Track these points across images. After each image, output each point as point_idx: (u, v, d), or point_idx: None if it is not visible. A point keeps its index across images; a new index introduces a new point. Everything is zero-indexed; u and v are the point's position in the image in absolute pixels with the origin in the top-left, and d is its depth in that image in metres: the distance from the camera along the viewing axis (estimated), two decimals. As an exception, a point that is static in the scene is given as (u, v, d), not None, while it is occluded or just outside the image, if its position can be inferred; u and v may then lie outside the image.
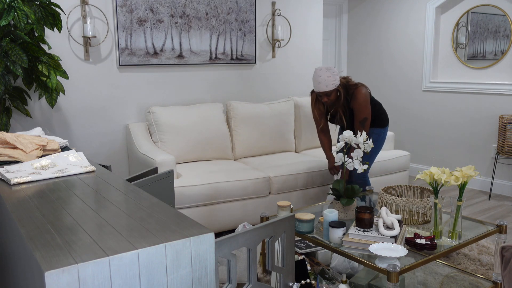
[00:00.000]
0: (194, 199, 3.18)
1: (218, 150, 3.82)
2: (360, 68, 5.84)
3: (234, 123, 3.94)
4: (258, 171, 3.51)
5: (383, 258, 1.98)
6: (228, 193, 3.30)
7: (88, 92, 3.64)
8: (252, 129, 3.97)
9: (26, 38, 2.77)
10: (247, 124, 3.96)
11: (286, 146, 4.17)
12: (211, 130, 3.77)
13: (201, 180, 3.24)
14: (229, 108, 3.98)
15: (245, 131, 3.95)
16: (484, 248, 3.11)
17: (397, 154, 4.16)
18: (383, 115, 3.43)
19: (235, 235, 1.53)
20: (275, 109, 4.12)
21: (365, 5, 5.66)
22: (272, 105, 4.15)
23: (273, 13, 4.40)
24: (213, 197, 3.25)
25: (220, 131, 3.83)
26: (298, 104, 4.26)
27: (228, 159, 3.90)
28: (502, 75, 4.47)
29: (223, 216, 3.32)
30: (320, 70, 3.10)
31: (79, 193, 1.57)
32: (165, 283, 1.14)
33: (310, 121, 4.18)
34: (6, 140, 1.98)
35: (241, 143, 3.95)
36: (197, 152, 3.73)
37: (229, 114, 3.98)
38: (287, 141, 4.17)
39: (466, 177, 2.31)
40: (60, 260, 1.02)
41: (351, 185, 2.58)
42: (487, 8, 4.52)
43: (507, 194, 4.51)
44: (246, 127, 3.96)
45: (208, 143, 3.76)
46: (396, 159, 4.11)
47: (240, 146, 3.95)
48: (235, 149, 3.96)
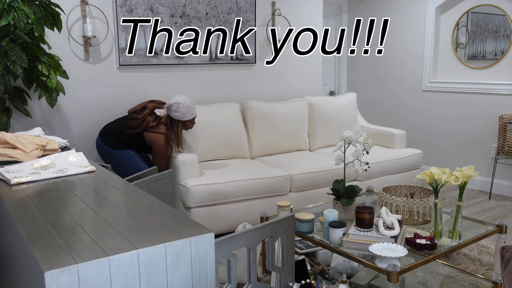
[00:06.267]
0: (218, 196, 3.26)
1: (236, 149, 3.90)
2: (360, 68, 5.84)
3: (251, 122, 4.02)
4: (278, 169, 3.58)
5: (383, 258, 1.98)
6: (250, 190, 3.37)
7: (88, 92, 3.64)
8: (268, 128, 4.05)
9: (26, 38, 2.77)
10: (263, 123, 4.04)
11: (300, 145, 4.25)
12: (229, 129, 3.86)
13: (225, 178, 3.32)
14: (245, 107, 4.05)
15: (261, 130, 4.03)
16: (484, 248, 3.11)
17: (410, 153, 4.22)
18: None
19: (235, 235, 1.53)
20: (289, 108, 4.20)
21: (365, 5, 5.66)
22: (286, 105, 4.23)
23: (273, 13, 4.40)
24: (236, 194, 3.33)
25: (237, 130, 3.91)
26: (312, 104, 4.35)
27: (245, 157, 3.98)
28: (502, 75, 4.47)
29: (246, 212, 3.39)
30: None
31: (79, 193, 1.57)
32: (165, 283, 1.14)
33: (324, 120, 4.32)
34: (6, 140, 1.98)
35: (258, 142, 4.03)
36: (216, 151, 3.81)
37: (245, 113, 4.05)
38: (302, 140, 4.25)
39: (466, 177, 2.31)
40: (60, 260, 1.02)
41: (351, 185, 2.58)
42: (487, 8, 4.52)
43: (507, 194, 4.51)
44: (262, 126, 4.04)
45: (226, 142, 3.84)
46: (409, 157, 4.18)
47: (257, 145, 4.03)
48: (252, 148, 4.03)
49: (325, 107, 4.37)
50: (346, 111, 4.48)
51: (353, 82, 5.95)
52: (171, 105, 3.33)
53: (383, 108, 5.62)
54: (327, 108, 4.38)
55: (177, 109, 3.32)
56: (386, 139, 4.39)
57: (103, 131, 3.37)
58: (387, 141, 4.39)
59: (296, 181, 3.55)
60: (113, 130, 3.33)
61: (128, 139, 3.32)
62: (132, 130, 3.29)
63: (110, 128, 3.36)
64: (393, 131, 4.36)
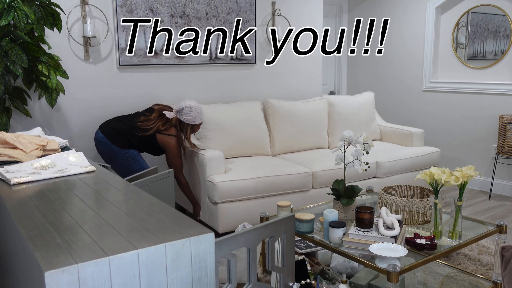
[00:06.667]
0: (243, 192, 3.36)
1: (258, 147, 3.99)
2: (360, 68, 5.84)
3: (273, 121, 4.12)
4: (301, 166, 3.66)
5: (383, 258, 1.98)
6: (274, 186, 3.46)
7: (88, 92, 3.64)
8: (289, 126, 4.15)
9: (26, 38, 2.77)
10: (285, 121, 4.14)
11: (320, 142, 4.35)
12: (252, 127, 3.95)
13: (250, 174, 3.41)
14: (267, 106, 4.15)
15: (282, 128, 4.13)
16: (484, 248, 3.11)
17: (428, 151, 4.29)
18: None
19: (235, 235, 1.53)
20: (309, 107, 4.30)
21: (365, 5, 5.66)
22: (307, 103, 4.33)
23: (273, 13, 4.40)
24: (261, 190, 3.42)
25: (260, 128, 4.00)
26: (331, 102, 4.46)
27: (267, 155, 4.07)
28: (502, 75, 4.47)
29: (269, 208, 3.47)
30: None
31: (79, 193, 1.57)
32: (165, 283, 1.14)
33: (343, 119, 4.44)
34: (6, 140, 1.98)
35: (279, 139, 4.12)
36: (239, 148, 3.90)
37: (266, 112, 4.14)
38: (321, 138, 4.35)
39: (466, 177, 2.31)
40: (60, 260, 1.02)
41: (351, 185, 2.58)
42: (487, 8, 4.52)
43: (507, 194, 4.51)
44: (284, 124, 4.14)
45: (249, 140, 3.93)
46: (428, 155, 4.25)
47: (279, 143, 4.13)
48: (273, 146, 4.12)
49: (344, 106, 4.48)
50: (364, 110, 4.57)
51: (353, 82, 5.95)
52: (183, 108, 3.36)
53: (383, 108, 5.62)
54: (346, 107, 4.49)
55: (189, 113, 3.37)
56: (404, 137, 4.48)
57: (108, 130, 3.35)
58: (405, 140, 4.47)
59: (318, 178, 3.63)
60: (121, 130, 3.33)
61: (136, 140, 3.33)
62: (143, 132, 3.32)
63: (117, 127, 3.35)
64: (411, 130, 4.44)
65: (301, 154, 4.12)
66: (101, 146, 3.37)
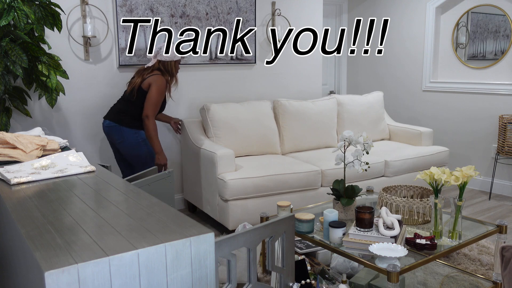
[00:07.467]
0: (253, 190, 3.38)
1: (268, 145, 4.01)
2: (360, 68, 5.84)
3: (282, 120, 4.14)
4: (310, 165, 3.69)
5: (383, 258, 1.98)
6: (284, 185, 3.49)
7: (88, 92, 3.64)
8: (298, 125, 4.18)
9: (26, 38, 2.77)
10: (294, 120, 4.17)
11: (329, 141, 4.37)
12: (262, 126, 3.97)
13: (260, 173, 3.43)
14: (277, 105, 4.17)
15: (292, 127, 4.15)
16: (484, 248, 3.11)
17: (436, 150, 4.29)
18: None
19: (235, 235, 1.53)
20: (319, 106, 4.33)
21: (365, 5, 5.66)
22: (316, 103, 4.35)
23: (273, 13, 4.40)
24: (270, 188, 3.44)
25: (270, 127, 4.03)
26: (340, 102, 4.50)
27: (276, 153, 4.09)
28: (502, 75, 4.47)
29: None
30: None
31: (79, 193, 1.57)
32: (165, 283, 1.14)
33: (352, 118, 4.47)
34: (6, 140, 1.98)
35: (289, 138, 4.15)
36: (249, 146, 3.92)
37: (276, 111, 4.17)
38: (330, 137, 4.37)
39: (466, 177, 2.31)
40: (60, 260, 1.02)
41: (351, 185, 2.58)
42: (487, 8, 4.52)
43: (507, 194, 4.51)
44: (293, 123, 4.16)
45: (259, 138, 3.95)
46: (436, 155, 4.25)
47: (288, 141, 4.15)
48: (283, 144, 4.15)
49: (353, 106, 4.50)
50: (373, 109, 4.59)
51: (353, 82, 5.95)
52: (160, 48, 3.36)
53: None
54: (355, 106, 4.51)
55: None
56: (413, 137, 4.49)
57: (113, 114, 3.35)
58: (414, 139, 4.48)
59: (327, 176, 3.66)
60: (124, 109, 3.33)
61: (133, 108, 3.32)
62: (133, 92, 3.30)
63: (120, 108, 3.35)
64: (420, 129, 4.45)
65: (311, 153, 4.14)
66: (112, 132, 3.34)
